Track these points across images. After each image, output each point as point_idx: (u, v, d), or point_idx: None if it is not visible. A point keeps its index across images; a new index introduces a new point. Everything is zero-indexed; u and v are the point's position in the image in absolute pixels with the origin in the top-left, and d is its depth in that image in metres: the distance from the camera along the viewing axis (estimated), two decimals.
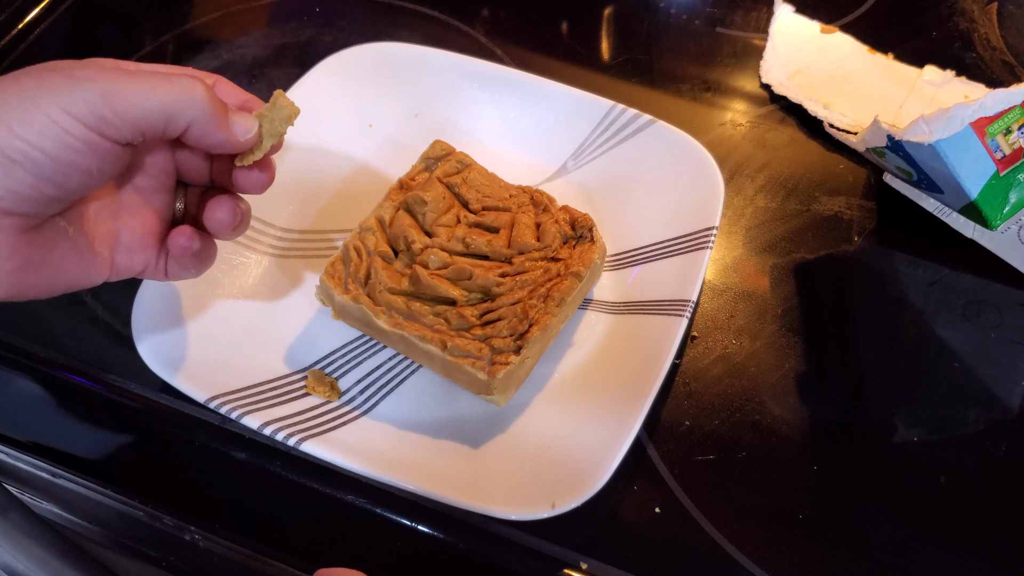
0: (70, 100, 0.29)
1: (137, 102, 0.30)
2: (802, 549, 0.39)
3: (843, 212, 0.52)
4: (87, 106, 0.29)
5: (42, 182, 0.30)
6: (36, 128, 0.29)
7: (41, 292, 0.33)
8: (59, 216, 0.33)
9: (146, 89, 0.31)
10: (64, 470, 0.43)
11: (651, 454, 0.42)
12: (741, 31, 0.62)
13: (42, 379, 0.46)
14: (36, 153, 0.29)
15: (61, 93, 0.29)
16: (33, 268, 0.32)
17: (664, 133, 0.50)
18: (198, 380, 0.41)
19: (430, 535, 0.40)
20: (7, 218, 0.30)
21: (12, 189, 0.29)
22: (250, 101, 0.37)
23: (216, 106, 0.33)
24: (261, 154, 0.36)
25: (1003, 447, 0.43)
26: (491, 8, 0.64)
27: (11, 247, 0.30)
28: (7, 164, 0.29)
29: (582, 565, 0.39)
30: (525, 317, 0.41)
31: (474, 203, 0.46)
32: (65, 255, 0.33)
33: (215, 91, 0.35)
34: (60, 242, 0.33)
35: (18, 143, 0.29)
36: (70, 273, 0.34)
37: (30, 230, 0.31)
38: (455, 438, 0.42)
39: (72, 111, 0.29)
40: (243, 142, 0.35)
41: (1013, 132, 0.43)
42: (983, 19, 0.62)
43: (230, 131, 0.34)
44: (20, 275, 0.31)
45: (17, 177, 0.29)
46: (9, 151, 0.28)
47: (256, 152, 0.36)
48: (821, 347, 0.46)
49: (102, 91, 0.30)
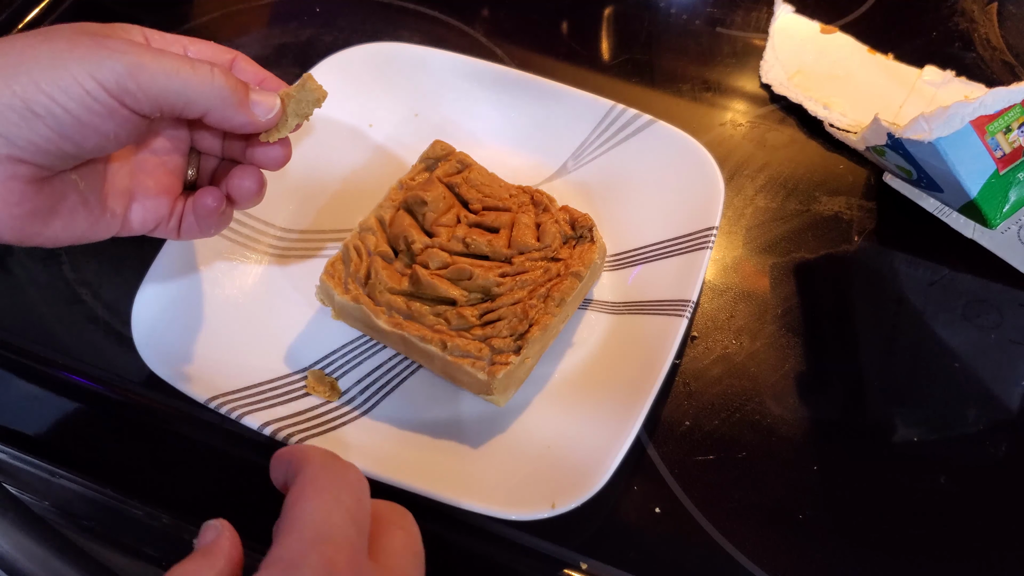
0: (98, 67, 0.30)
1: (159, 80, 0.32)
2: (802, 549, 0.39)
3: (843, 212, 0.52)
4: (113, 76, 0.31)
5: (60, 138, 0.31)
6: (62, 87, 0.30)
7: (47, 240, 0.34)
8: (72, 171, 0.34)
9: (170, 71, 0.32)
10: (64, 470, 0.43)
11: (651, 454, 0.42)
12: (741, 31, 0.62)
13: (42, 379, 0.46)
14: (59, 110, 0.30)
15: (90, 60, 0.30)
16: (40, 216, 0.33)
17: (664, 133, 0.50)
18: (198, 380, 0.41)
19: (430, 535, 0.40)
20: (21, 166, 0.31)
21: (31, 140, 0.30)
22: (268, 80, 0.38)
23: (236, 92, 0.34)
24: (286, 132, 0.37)
25: (1003, 447, 0.43)
26: (491, 8, 0.64)
27: (21, 194, 0.32)
28: (30, 117, 0.30)
29: (582, 565, 0.39)
30: (525, 317, 0.41)
31: (474, 203, 0.46)
32: (74, 208, 0.34)
33: (234, 66, 0.37)
34: (70, 195, 0.34)
35: (43, 98, 0.30)
36: (78, 225, 0.35)
37: (42, 180, 0.32)
38: (455, 438, 0.42)
39: (98, 77, 0.30)
40: (264, 123, 0.36)
41: (1013, 131, 0.43)
42: (983, 19, 0.62)
43: (251, 112, 0.35)
44: (27, 220, 0.33)
45: (37, 130, 0.30)
46: (33, 104, 0.30)
47: (281, 130, 0.37)
48: (821, 347, 0.46)
49: (129, 64, 0.31)
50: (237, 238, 0.48)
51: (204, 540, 0.28)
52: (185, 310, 0.44)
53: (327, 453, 0.30)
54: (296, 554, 0.25)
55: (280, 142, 0.38)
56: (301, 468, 0.28)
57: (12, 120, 0.30)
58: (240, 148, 0.39)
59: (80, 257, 0.50)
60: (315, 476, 0.28)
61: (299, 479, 0.28)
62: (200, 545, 0.28)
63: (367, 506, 0.28)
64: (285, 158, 0.39)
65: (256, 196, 0.39)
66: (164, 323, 0.43)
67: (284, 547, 0.25)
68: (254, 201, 0.39)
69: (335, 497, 0.27)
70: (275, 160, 0.38)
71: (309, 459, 0.29)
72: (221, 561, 0.27)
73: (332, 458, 0.29)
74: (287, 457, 0.30)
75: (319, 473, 0.28)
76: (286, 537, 0.26)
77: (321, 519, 0.26)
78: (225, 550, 0.27)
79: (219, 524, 0.28)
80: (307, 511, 0.26)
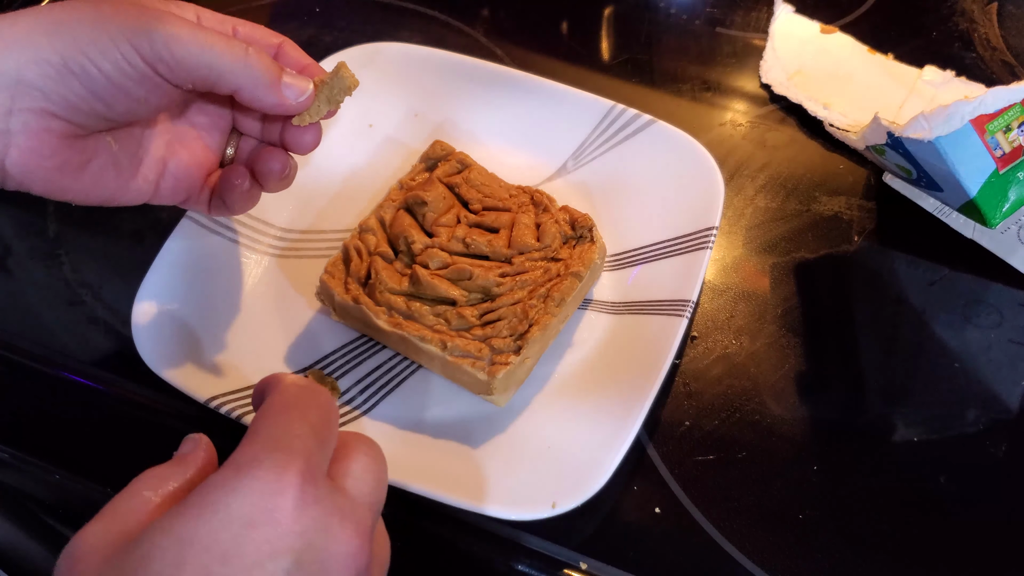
0: (136, 34, 0.32)
1: (193, 53, 0.33)
2: (802, 549, 0.39)
3: (843, 212, 0.52)
4: (149, 43, 0.32)
5: (93, 97, 0.32)
6: (99, 48, 0.31)
7: (76, 195, 0.35)
8: (107, 132, 0.36)
9: (204, 44, 0.33)
10: (64, 470, 0.43)
11: (651, 454, 0.42)
12: (741, 31, 0.62)
13: (42, 379, 0.46)
14: (93, 70, 0.32)
15: (131, 26, 0.32)
16: (70, 171, 0.34)
17: (664, 133, 0.50)
18: (198, 380, 0.41)
19: (430, 535, 0.40)
20: (55, 121, 0.32)
21: (65, 96, 0.32)
22: (310, 67, 0.39)
23: (268, 73, 0.35)
24: (317, 117, 0.38)
25: (1003, 447, 0.43)
26: (491, 8, 0.64)
27: (53, 148, 0.33)
28: (66, 74, 0.31)
29: (582, 565, 0.39)
30: (525, 317, 0.41)
31: (474, 203, 0.46)
32: (104, 168, 0.36)
33: (280, 50, 0.38)
34: (102, 155, 0.35)
35: (80, 57, 0.31)
36: (107, 186, 0.36)
37: (75, 137, 0.34)
38: (455, 438, 0.42)
39: (135, 43, 0.32)
40: (295, 105, 0.37)
41: (1013, 130, 0.43)
42: (983, 19, 0.62)
43: (281, 95, 0.36)
44: (56, 173, 0.34)
45: (72, 87, 0.32)
46: (70, 61, 0.31)
47: (312, 115, 0.38)
48: (821, 347, 0.46)
49: (166, 34, 0.32)
50: (237, 238, 0.48)
51: (183, 451, 0.29)
52: (185, 310, 0.44)
53: (301, 378, 0.30)
54: (249, 457, 0.25)
55: (311, 127, 0.39)
56: (274, 388, 0.28)
57: (49, 74, 0.31)
58: (278, 132, 0.40)
59: (80, 258, 0.50)
60: (284, 391, 0.28)
61: (269, 397, 0.28)
62: (177, 455, 0.28)
63: (334, 429, 0.28)
64: (315, 143, 0.40)
65: (281, 179, 0.40)
66: (164, 323, 0.43)
67: (240, 452, 0.25)
68: (280, 184, 0.40)
69: (301, 413, 0.27)
70: (305, 144, 0.39)
71: (281, 379, 0.29)
72: (192, 470, 0.27)
73: (306, 381, 0.29)
74: (266, 381, 0.30)
75: (289, 389, 0.28)
76: (244, 443, 0.26)
77: (282, 429, 0.26)
78: (199, 460, 0.28)
79: (198, 437, 0.29)
80: (270, 421, 0.26)
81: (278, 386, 0.28)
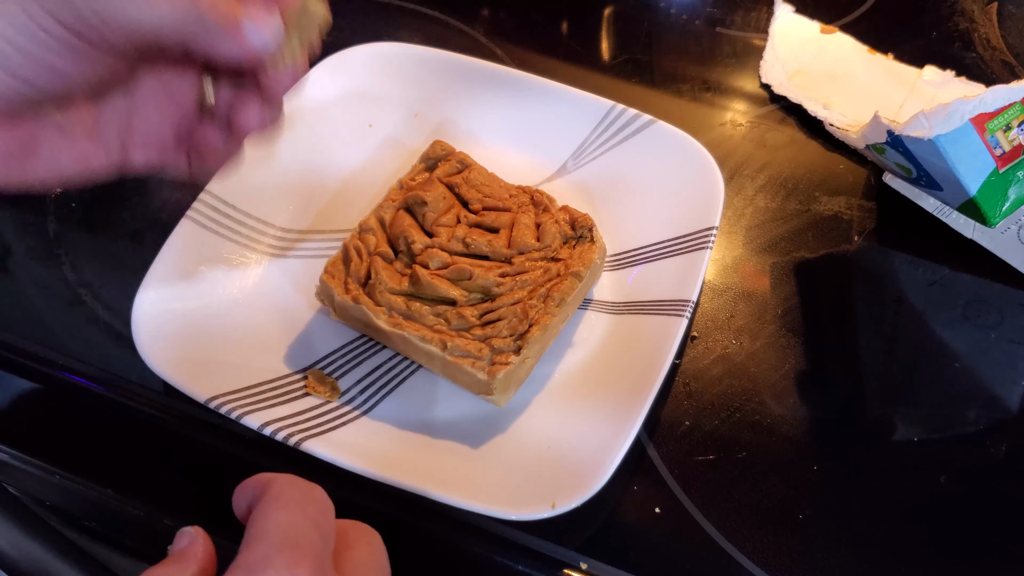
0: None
1: (122, 8, 0.27)
2: (802, 549, 0.39)
3: (843, 212, 0.52)
4: (68, 6, 0.27)
5: (10, 76, 0.28)
6: (8, 20, 0.27)
7: (34, 183, 0.31)
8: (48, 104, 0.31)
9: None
10: (64, 470, 0.43)
11: (651, 454, 0.42)
12: (741, 31, 0.62)
13: (42, 379, 0.46)
14: (5, 46, 0.27)
15: None
16: (14, 159, 0.30)
17: (664, 133, 0.50)
18: (198, 380, 0.41)
19: (430, 535, 0.40)
20: None
21: None
22: None
23: (220, 17, 0.29)
24: (289, 59, 0.33)
25: (1003, 447, 0.43)
26: (491, 8, 0.64)
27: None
28: None
29: (582, 565, 0.39)
30: (525, 317, 0.41)
31: (474, 203, 0.46)
32: (55, 145, 0.31)
33: None
34: (46, 132, 0.31)
35: None
36: (63, 163, 0.32)
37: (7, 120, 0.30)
38: (455, 438, 0.42)
39: (49, 7, 0.27)
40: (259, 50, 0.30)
41: (1013, 129, 0.43)
42: (983, 19, 0.62)
43: (243, 41, 0.30)
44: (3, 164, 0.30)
45: None
46: None
47: (284, 57, 0.33)
48: (821, 347, 0.46)
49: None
50: (237, 238, 0.48)
51: (178, 545, 0.28)
52: (185, 310, 0.44)
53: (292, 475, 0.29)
54: (261, 558, 0.25)
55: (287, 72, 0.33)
56: (267, 487, 0.28)
57: None
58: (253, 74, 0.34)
59: (80, 258, 0.50)
60: (281, 490, 0.28)
61: (265, 496, 0.28)
62: (174, 551, 0.28)
63: (332, 521, 0.28)
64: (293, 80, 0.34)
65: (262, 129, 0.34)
66: (164, 323, 0.43)
67: (249, 552, 0.25)
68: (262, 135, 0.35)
69: (301, 509, 0.27)
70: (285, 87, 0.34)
71: (274, 478, 0.28)
72: (193, 567, 0.27)
73: (297, 478, 0.29)
74: (251, 483, 0.29)
75: (285, 488, 0.28)
76: (251, 543, 0.26)
77: (286, 526, 0.26)
78: (198, 556, 0.27)
79: (194, 531, 0.28)
80: (272, 520, 0.26)
81: (273, 483, 0.28)
